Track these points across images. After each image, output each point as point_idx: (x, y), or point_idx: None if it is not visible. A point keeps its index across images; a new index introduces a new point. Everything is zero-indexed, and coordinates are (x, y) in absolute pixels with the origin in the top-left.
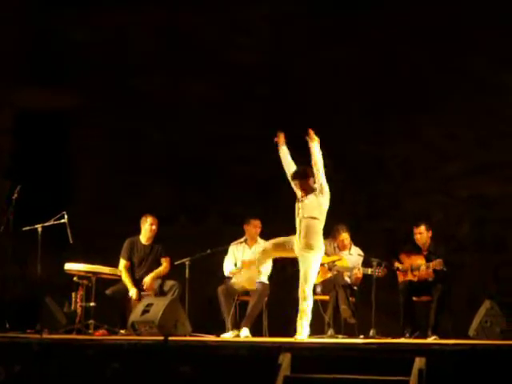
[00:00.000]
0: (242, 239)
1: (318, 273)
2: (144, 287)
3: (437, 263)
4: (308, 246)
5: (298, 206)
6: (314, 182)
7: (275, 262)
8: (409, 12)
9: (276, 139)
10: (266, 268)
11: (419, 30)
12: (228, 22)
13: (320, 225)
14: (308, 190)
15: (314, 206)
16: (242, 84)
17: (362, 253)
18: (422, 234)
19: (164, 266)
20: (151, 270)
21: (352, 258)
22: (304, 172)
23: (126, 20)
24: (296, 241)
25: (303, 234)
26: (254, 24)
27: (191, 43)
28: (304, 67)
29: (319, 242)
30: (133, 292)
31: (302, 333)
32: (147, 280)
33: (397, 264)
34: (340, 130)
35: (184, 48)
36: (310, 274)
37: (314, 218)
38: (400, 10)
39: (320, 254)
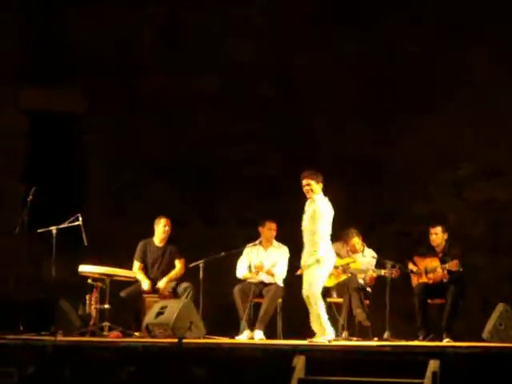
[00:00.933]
0: (257, 241)
1: (332, 275)
2: (159, 291)
3: (453, 264)
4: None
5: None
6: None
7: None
8: (412, 11)
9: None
10: (281, 271)
11: (422, 29)
12: (230, 20)
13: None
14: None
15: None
16: (244, 84)
17: (375, 255)
18: (438, 235)
19: (178, 267)
20: (165, 271)
21: (365, 259)
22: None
23: (129, 19)
24: None
25: None
26: (255, 23)
27: (193, 42)
28: (306, 67)
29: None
30: (146, 283)
31: (324, 333)
32: (162, 284)
33: (411, 266)
34: (349, 132)
35: (186, 47)
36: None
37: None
38: (402, 9)
39: (321, 266)
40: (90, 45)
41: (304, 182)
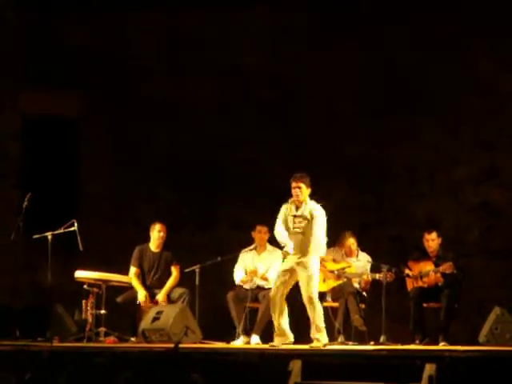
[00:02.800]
0: (252, 246)
1: (328, 280)
2: (158, 303)
3: (447, 266)
4: None
5: None
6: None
7: None
8: (411, 13)
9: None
10: (275, 275)
11: (421, 31)
12: (229, 23)
13: None
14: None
15: None
16: (244, 86)
17: (370, 259)
18: (434, 241)
19: (174, 275)
20: (161, 278)
21: (360, 264)
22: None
23: (129, 22)
24: None
25: None
26: (255, 27)
27: (193, 45)
28: (305, 69)
29: None
30: (142, 295)
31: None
32: (161, 298)
33: (407, 271)
34: (341, 130)
35: (186, 50)
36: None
37: None
38: (402, 12)
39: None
40: (89, 48)
41: (294, 184)
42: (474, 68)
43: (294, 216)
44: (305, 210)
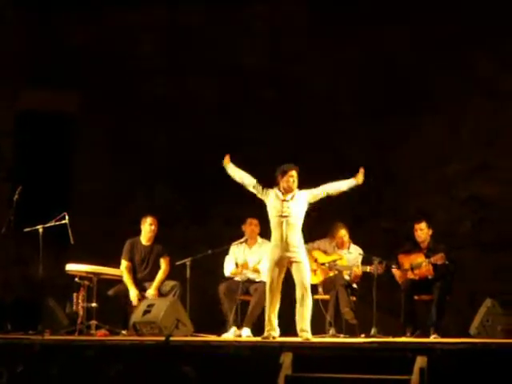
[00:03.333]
0: (243, 239)
1: (319, 272)
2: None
3: (438, 257)
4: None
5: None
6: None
7: None
8: (411, 13)
9: (224, 162)
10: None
11: (421, 31)
12: (229, 23)
13: None
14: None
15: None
16: (244, 86)
17: (361, 251)
18: (423, 231)
19: (163, 268)
20: (152, 271)
21: (351, 256)
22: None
23: (128, 22)
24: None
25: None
26: (255, 27)
27: (193, 45)
28: (305, 69)
29: None
30: (133, 295)
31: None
32: (152, 292)
33: (394, 265)
34: (341, 130)
35: (186, 50)
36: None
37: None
38: (402, 12)
39: None
40: (89, 47)
41: (294, 172)
42: (474, 68)
43: (283, 201)
44: (298, 196)
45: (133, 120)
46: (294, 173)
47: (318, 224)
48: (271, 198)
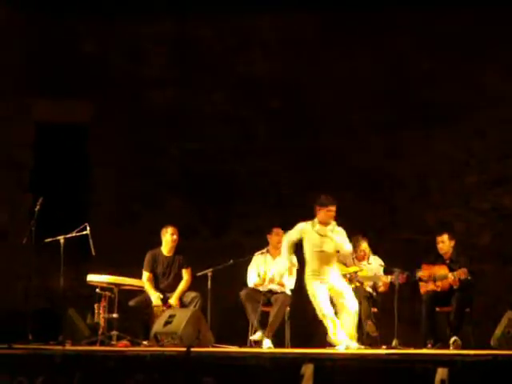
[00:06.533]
0: (265, 249)
1: None
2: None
3: (461, 272)
4: None
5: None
6: None
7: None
8: (422, 24)
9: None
10: (291, 281)
11: (432, 42)
12: (241, 34)
13: None
14: None
15: None
16: (255, 96)
17: (382, 262)
18: (445, 243)
19: (185, 279)
20: (174, 282)
21: (371, 267)
22: None
23: (140, 32)
24: None
25: None
26: (266, 37)
27: (205, 55)
28: (318, 81)
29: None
30: (156, 298)
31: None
32: (173, 301)
33: (420, 274)
34: (354, 141)
35: (199, 60)
36: None
37: None
38: (414, 23)
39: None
40: (101, 58)
41: (334, 207)
42: (485, 79)
43: (321, 235)
44: (333, 231)
45: (146, 127)
46: (334, 208)
47: None
48: (307, 232)
